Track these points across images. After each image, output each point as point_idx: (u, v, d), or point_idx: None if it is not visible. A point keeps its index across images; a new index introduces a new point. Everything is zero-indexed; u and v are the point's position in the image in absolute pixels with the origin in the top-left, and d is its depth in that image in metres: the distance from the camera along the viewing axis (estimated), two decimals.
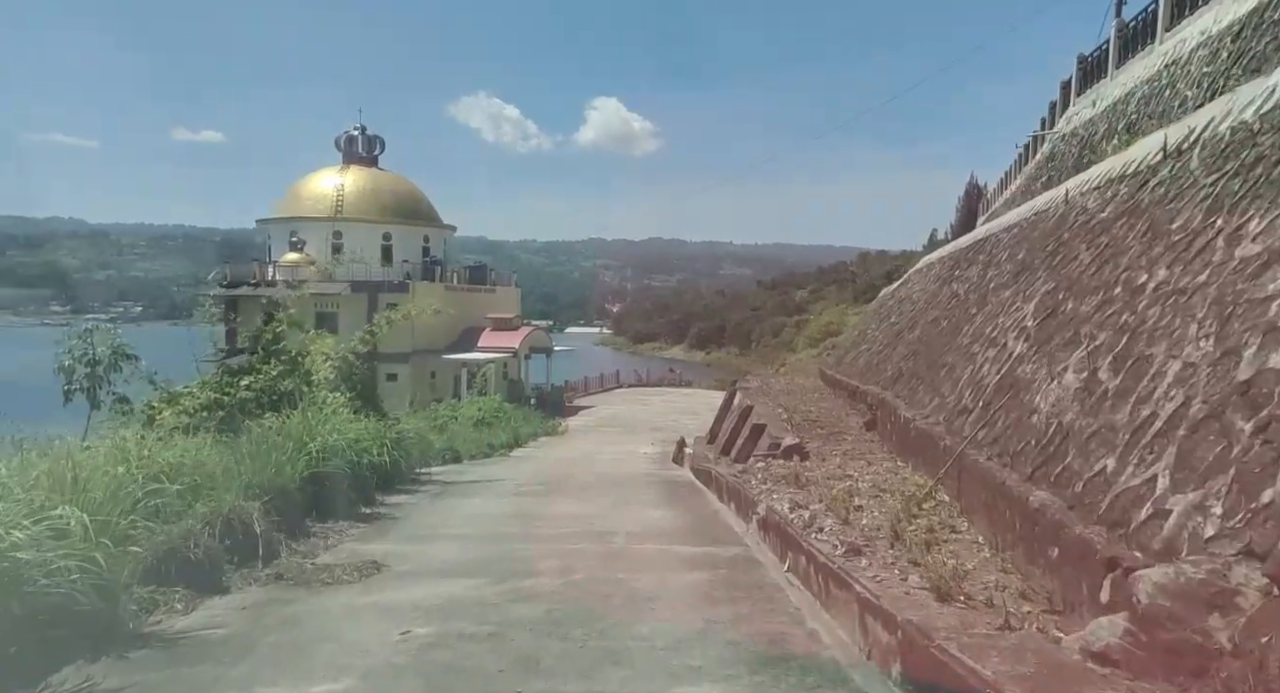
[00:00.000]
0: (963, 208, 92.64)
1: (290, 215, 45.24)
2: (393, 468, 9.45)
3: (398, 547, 7.07)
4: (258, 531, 5.86)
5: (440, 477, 11.65)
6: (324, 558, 6.42)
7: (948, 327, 13.18)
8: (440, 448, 15.13)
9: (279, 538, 6.30)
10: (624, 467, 15.49)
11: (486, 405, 24.85)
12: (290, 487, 6.87)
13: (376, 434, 9.56)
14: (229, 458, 6.78)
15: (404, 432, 10.21)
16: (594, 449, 21.27)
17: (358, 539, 7.32)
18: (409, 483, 10.30)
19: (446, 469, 13.11)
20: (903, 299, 21.16)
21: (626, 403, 47.38)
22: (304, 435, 7.56)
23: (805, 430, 14.35)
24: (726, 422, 22.05)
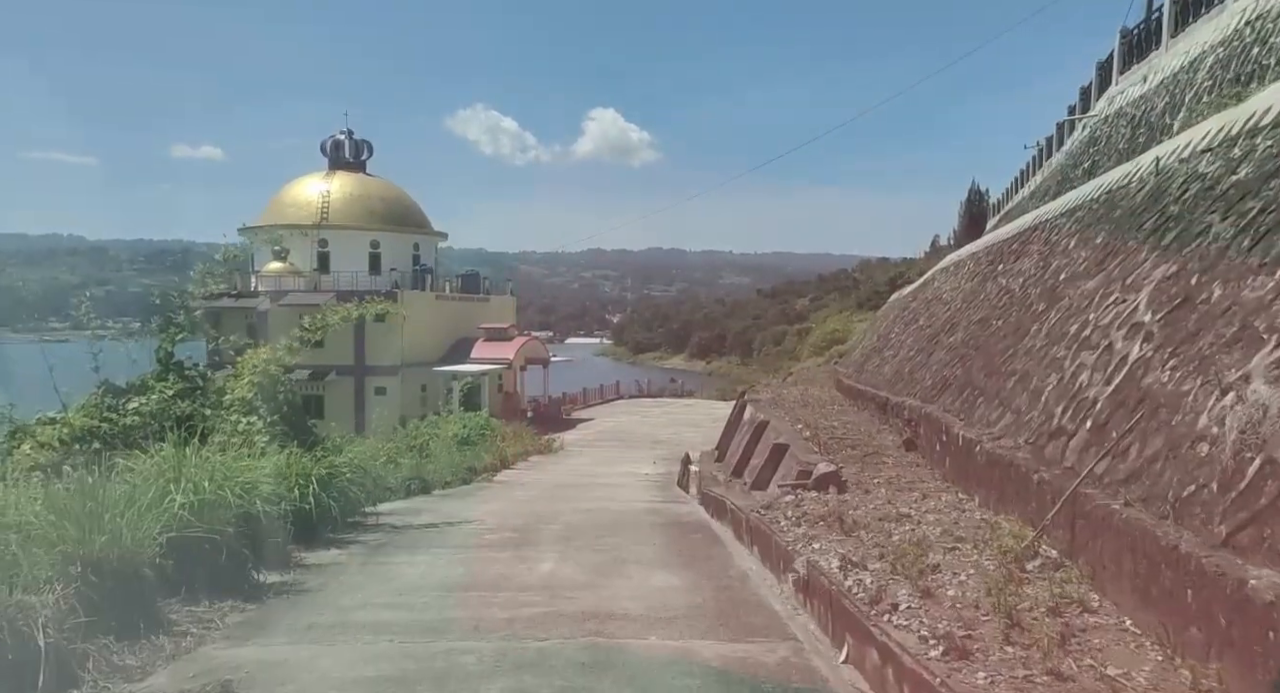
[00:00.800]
0: (965, 213, 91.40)
1: (273, 223, 43.16)
2: (319, 514, 7.25)
3: (278, 651, 4.86)
4: (41, 644, 3.69)
5: (392, 518, 9.44)
6: (155, 680, 4.21)
7: (1005, 327, 11.03)
8: (405, 477, 12.89)
9: (90, 650, 4.11)
10: (621, 497, 13.26)
11: (472, 423, 22.66)
12: (138, 558, 4.70)
13: (301, 471, 7.38)
14: (52, 517, 4.64)
15: (338, 466, 7.98)
16: (589, 471, 19.07)
17: (227, 636, 5.05)
18: (346, 530, 8.05)
19: (406, 506, 10.78)
20: (930, 300, 19.03)
21: (627, 415, 45.16)
22: (170, 480, 5.39)
23: (834, 451, 12.18)
24: (737, 437, 19.88)
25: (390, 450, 16.10)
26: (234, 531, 5.62)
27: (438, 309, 43.73)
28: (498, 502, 11.46)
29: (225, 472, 5.81)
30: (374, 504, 9.53)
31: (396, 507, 10.58)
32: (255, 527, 5.86)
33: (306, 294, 41.00)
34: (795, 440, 12.87)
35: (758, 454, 15.46)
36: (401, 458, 15.58)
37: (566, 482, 16.37)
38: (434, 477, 14.25)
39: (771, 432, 15.05)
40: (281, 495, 6.63)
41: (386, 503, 10.99)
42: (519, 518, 9.43)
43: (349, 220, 43.24)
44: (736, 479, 16.17)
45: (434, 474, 14.40)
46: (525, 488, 14.89)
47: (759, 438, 16.24)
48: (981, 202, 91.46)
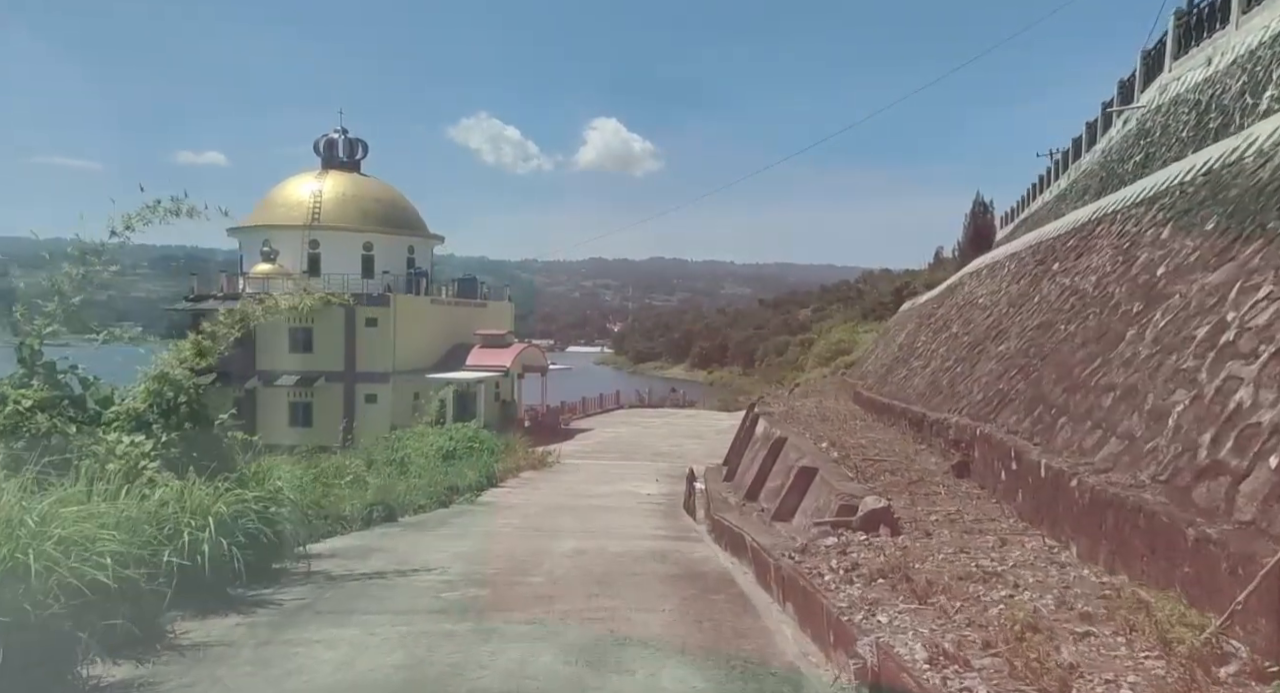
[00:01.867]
0: (970, 225, 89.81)
1: (263, 224, 41.34)
2: (217, 566, 5.34)
3: None
4: None
5: (333, 562, 7.45)
6: None
7: (1082, 332, 9.18)
8: (368, 503, 10.88)
9: None
10: (621, 529, 11.32)
11: (460, 434, 20.74)
12: None
13: (196, 508, 5.50)
14: None
15: (253, 500, 6.02)
16: (586, 491, 17.13)
17: None
18: (265, 582, 6.09)
19: (357, 543, 8.90)
20: (962, 306, 17.19)
21: (627, 425, 43.20)
22: None
23: (871, 477, 10.31)
24: (748, 453, 18.01)
25: (359, 467, 14.21)
26: (61, 608, 3.79)
27: (433, 314, 41.88)
28: (470, 538, 9.43)
29: (36, 524, 3.95)
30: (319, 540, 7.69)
31: (346, 545, 8.59)
32: (104, 598, 4.03)
33: (294, 297, 39.20)
34: (823, 463, 11.00)
35: (776, 475, 13.61)
36: (373, 476, 13.68)
37: (559, 504, 14.42)
38: (406, 499, 12.29)
39: (792, 450, 13.19)
40: (154, 545, 4.77)
41: (337, 538, 9.09)
42: (493, 563, 7.46)
43: (341, 221, 41.43)
44: (751, 503, 14.30)
45: (407, 496, 12.44)
46: (510, 513, 12.90)
47: (776, 456, 14.38)
48: (986, 213, 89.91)
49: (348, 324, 38.74)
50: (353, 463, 14.09)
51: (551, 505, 14.20)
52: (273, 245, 40.10)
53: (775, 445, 14.41)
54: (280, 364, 38.84)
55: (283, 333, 39.17)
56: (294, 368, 38.76)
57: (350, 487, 11.79)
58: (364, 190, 42.93)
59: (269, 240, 40.25)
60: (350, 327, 38.80)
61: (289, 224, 40.71)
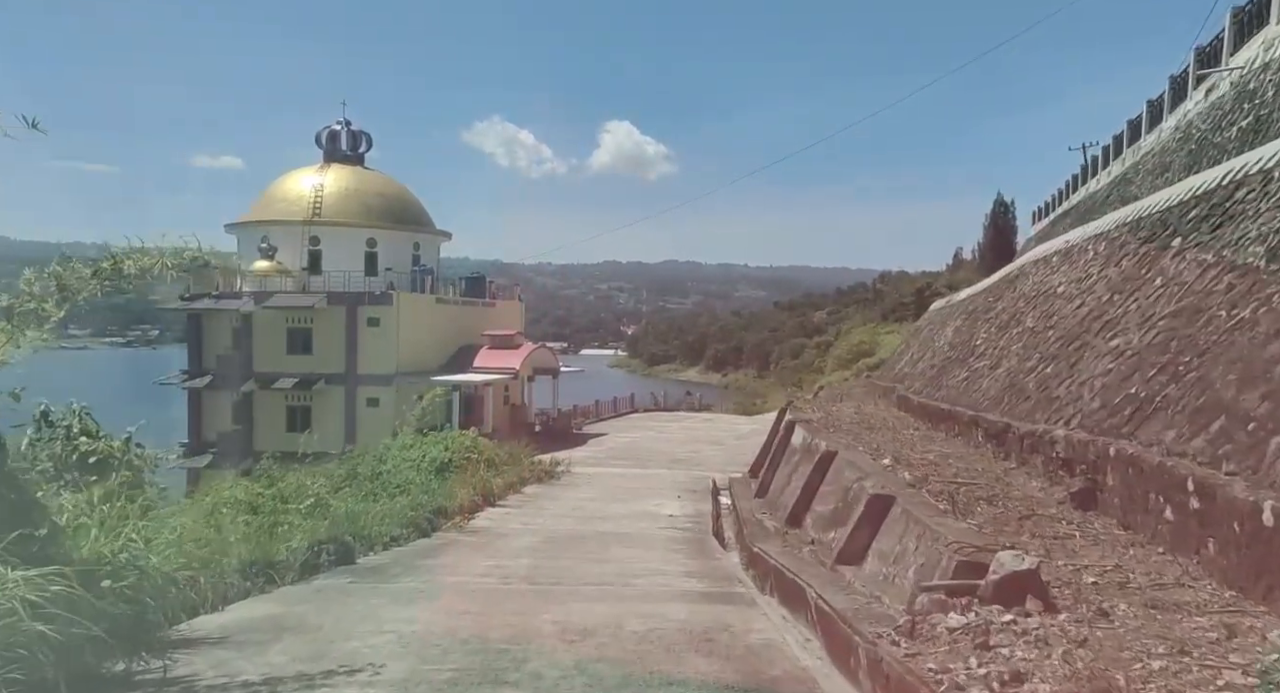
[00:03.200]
0: (990, 225, 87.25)
1: (261, 219, 39.20)
2: None
3: None
4: None
5: (214, 653, 5.09)
6: None
7: (1267, 318, 6.70)
8: (318, 540, 8.41)
9: None
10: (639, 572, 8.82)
11: (456, 443, 18.32)
12: None
13: None
14: None
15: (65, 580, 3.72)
16: (597, 512, 14.66)
17: None
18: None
19: (276, 607, 6.55)
20: (1035, 296, 14.68)
21: (642, 430, 40.75)
22: None
23: (964, 508, 7.86)
24: (784, 466, 15.56)
25: (328, 486, 11.84)
26: None
27: (438, 314, 39.59)
28: (434, 599, 6.81)
29: None
30: (218, 609, 5.38)
31: (253, 616, 5.92)
32: None
33: (295, 295, 37.05)
34: (898, 488, 8.55)
35: (826, 497, 11.17)
36: (347, 496, 11.31)
37: (564, 533, 11.93)
38: (376, 530, 9.87)
39: (848, 468, 10.74)
40: None
41: (251, 600, 6.68)
42: (451, 659, 4.94)
43: (343, 217, 39.21)
44: (794, 530, 11.87)
45: (378, 525, 10.02)
46: (501, 549, 10.26)
47: (825, 473, 11.93)
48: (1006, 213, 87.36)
49: (349, 324, 36.52)
50: (318, 483, 11.63)
51: (554, 536, 11.75)
52: (271, 242, 37.94)
53: (823, 461, 11.96)
54: (278, 366, 36.69)
55: (281, 333, 37.07)
56: (292, 370, 36.58)
57: (306, 515, 9.41)
58: (367, 184, 40.71)
59: (267, 237, 38.09)
60: (351, 327, 36.57)
61: (288, 219, 38.54)
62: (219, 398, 37.99)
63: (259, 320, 36.72)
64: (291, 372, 36.46)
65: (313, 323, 36.85)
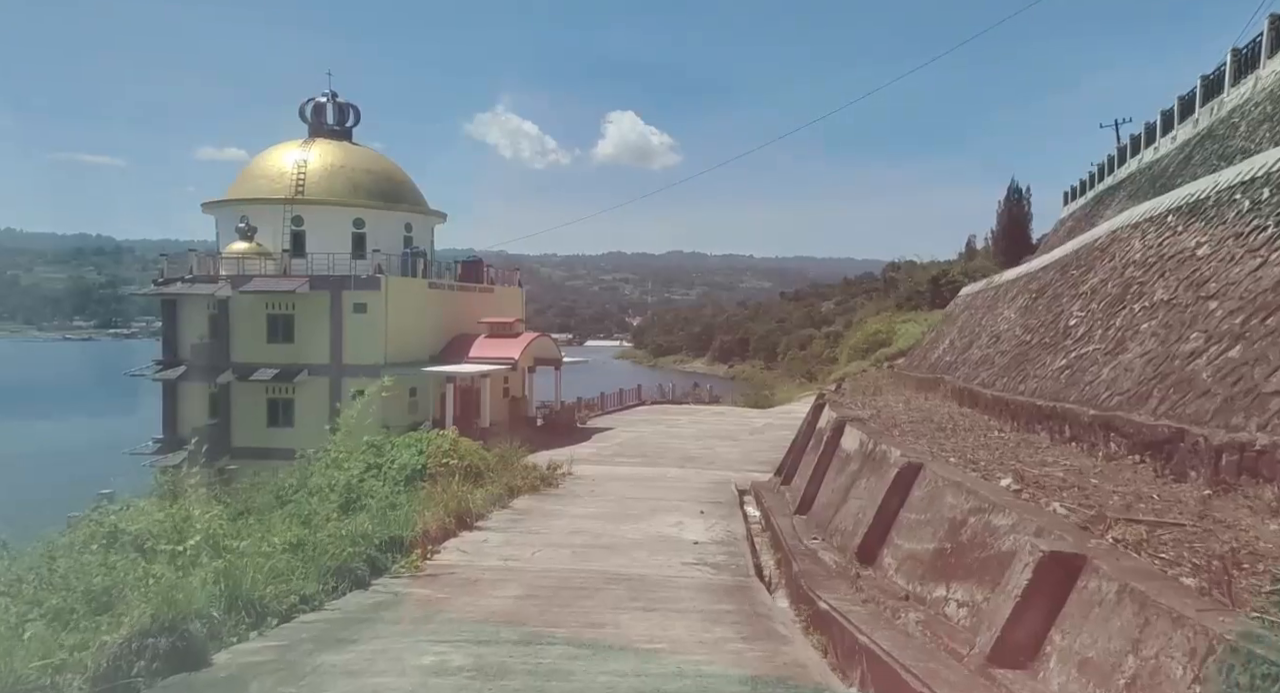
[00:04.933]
0: (1004, 212, 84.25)
1: (241, 197, 36.06)
2: None
3: None
4: None
5: None
6: None
7: None
8: (147, 629, 5.15)
9: None
10: (666, 668, 5.70)
11: (433, 445, 15.07)
12: None
13: None
14: None
15: None
16: (601, 538, 11.28)
17: None
18: None
19: None
20: (1152, 263, 11.46)
21: (650, 424, 37.57)
22: None
23: (1216, 577, 4.67)
24: (834, 477, 12.39)
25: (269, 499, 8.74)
26: None
27: (431, 299, 36.44)
28: None
29: None
30: None
31: None
32: None
33: (275, 279, 33.92)
34: (1077, 538, 5.38)
35: (916, 530, 8.01)
36: (254, 527, 8.14)
37: (555, 579, 8.46)
38: (277, 587, 6.72)
39: (953, 492, 7.57)
40: None
41: None
42: None
43: (329, 195, 36.02)
44: (866, 570, 8.70)
45: (287, 576, 6.89)
46: (454, 625, 6.76)
47: (906, 493, 8.77)
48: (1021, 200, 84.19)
49: (333, 310, 33.39)
50: (216, 512, 8.37)
51: (542, 586, 8.46)
52: (250, 222, 34.80)
53: (904, 477, 8.81)
54: (257, 356, 33.61)
55: (260, 320, 33.96)
56: (273, 360, 33.49)
57: (177, 566, 6.26)
58: (355, 160, 37.49)
59: (246, 217, 34.95)
60: (336, 313, 33.45)
61: (269, 198, 35.38)
62: (195, 390, 34.97)
63: (236, 306, 33.63)
64: (272, 362, 33.38)
65: (294, 309, 33.73)
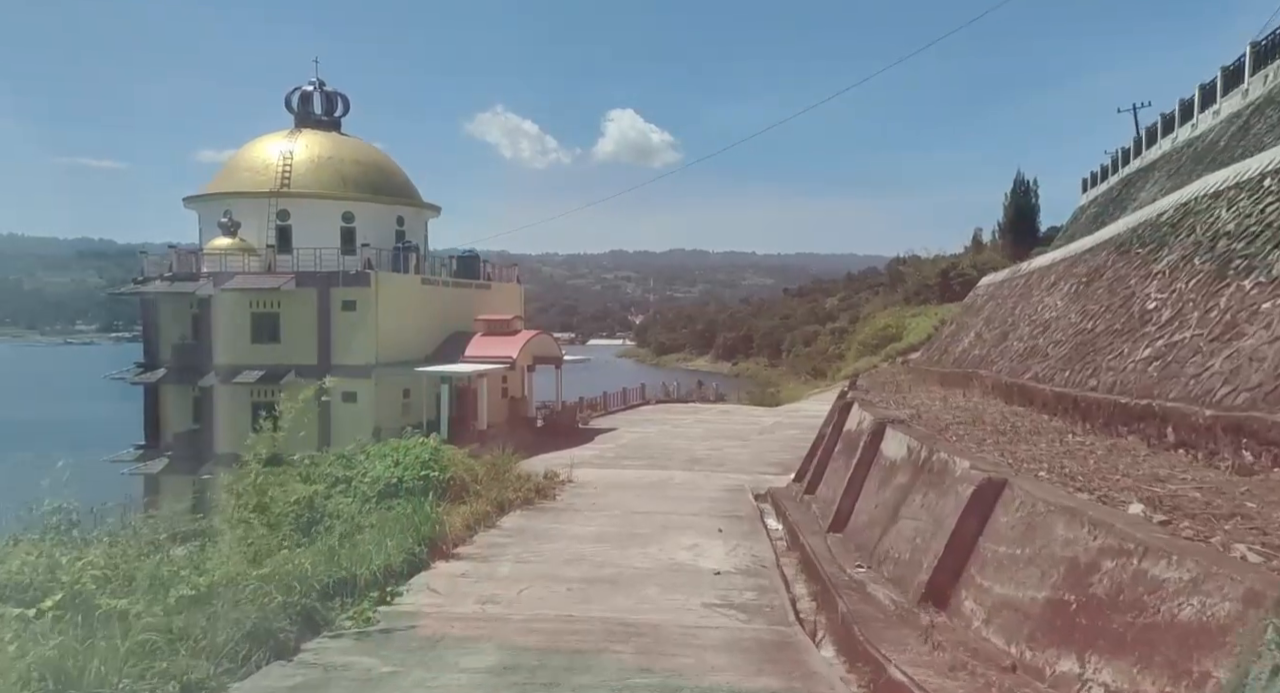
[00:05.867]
0: (1010, 205, 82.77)
1: (223, 191, 34.22)
2: None
3: None
4: None
5: None
6: None
7: None
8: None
9: None
10: None
11: (411, 455, 13.15)
12: None
13: None
14: None
15: None
16: (601, 570, 9.14)
17: None
18: None
19: None
20: (1256, 232, 9.55)
21: (655, 424, 35.73)
22: None
23: None
24: (875, 489, 10.49)
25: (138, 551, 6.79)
26: None
27: (425, 296, 34.58)
28: None
29: None
30: None
31: None
32: None
33: (259, 276, 32.08)
34: None
35: (1010, 570, 6.13)
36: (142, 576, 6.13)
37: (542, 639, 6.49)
38: (187, 655, 4.87)
39: (1065, 522, 5.68)
40: None
41: None
42: None
43: (316, 187, 34.16)
44: (940, 617, 6.83)
45: (208, 632, 5.05)
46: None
47: (985, 517, 6.90)
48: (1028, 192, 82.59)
49: (321, 308, 31.53)
50: (90, 559, 6.37)
51: (525, 645, 6.43)
52: (234, 216, 32.95)
53: (981, 497, 6.95)
54: (242, 357, 31.75)
55: (244, 319, 32.10)
56: (258, 361, 31.65)
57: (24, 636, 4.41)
58: (343, 152, 35.61)
59: (229, 211, 33.11)
60: (324, 311, 31.58)
61: (253, 191, 33.53)
62: (178, 394, 33.16)
63: (219, 305, 31.77)
64: (257, 364, 31.53)
65: (280, 307, 31.89)
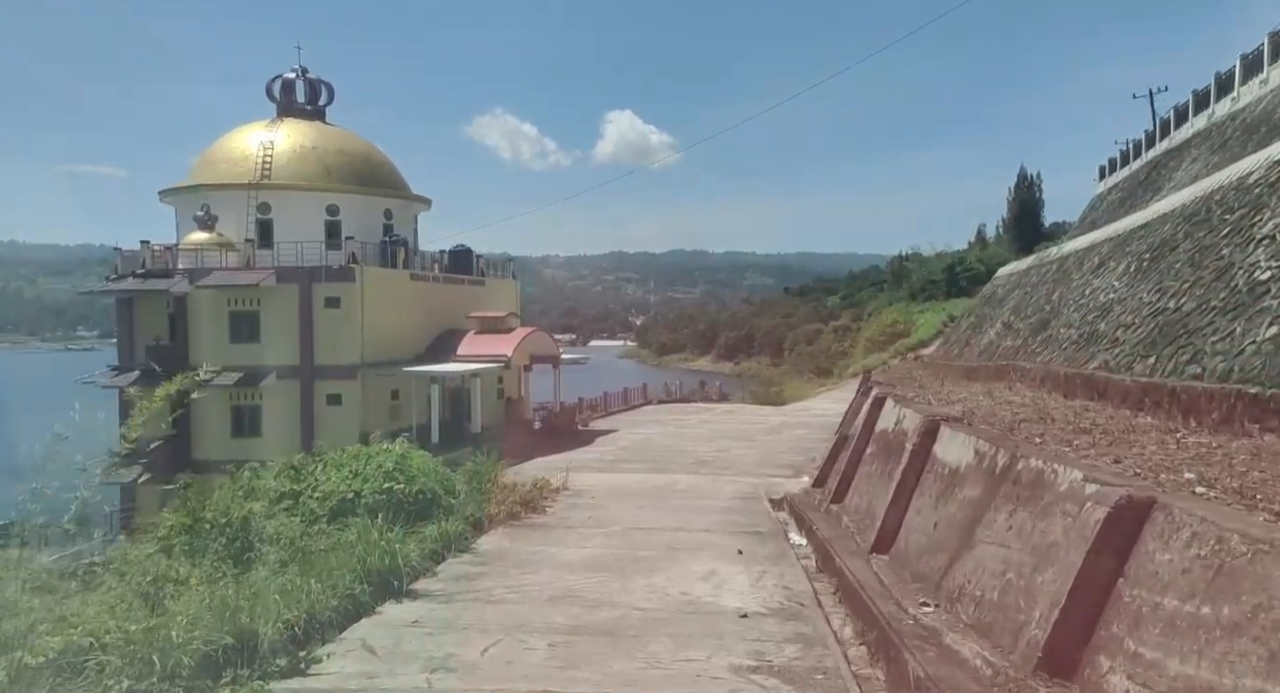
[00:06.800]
0: (1015, 199, 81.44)
1: (200, 183, 32.29)
2: None
3: None
4: None
5: None
6: None
7: None
8: None
9: None
10: None
11: (373, 464, 10.90)
12: None
13: None
14: None
15: None
16: (595, 612, 7.20)
17: None
18: None
19: None
20: None
21: (658, 425, 33.71)
22: None
23: None
24: (930, 504, 8.48)
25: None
26: None
27: (414, 292, 32.65)
28: None
29: None
30: None
31: None
32: None
33: (237, 272, 30.12)
34: None
35: (1215, 642, 4.23)
36: None
37: None
38: None
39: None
40: None
41: None
42: None
43: (299, 179, 32.28)
44: (1070, 690, 4.88)
45: None
46: None
47: (1124, 555, 4.87)
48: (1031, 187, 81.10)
49: (303, 305, 29.59)
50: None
51: None
52: (211, 210, 31.01)
53: (1118, 525, 4.96)
54: (219, 358, 29.75)
55: (222, 318, 30.15)
56: (237, 362, 29.68)
57: None
58: (327, 141, 33.70)
59: (207, 204, 31.17)
60: (306, 308, 29.66)
61: (232, 183, 31.61)
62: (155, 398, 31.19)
63: (195, 304, 29.84)
64: (235, 365, 29.56)
65: (260, 305, 29.96)
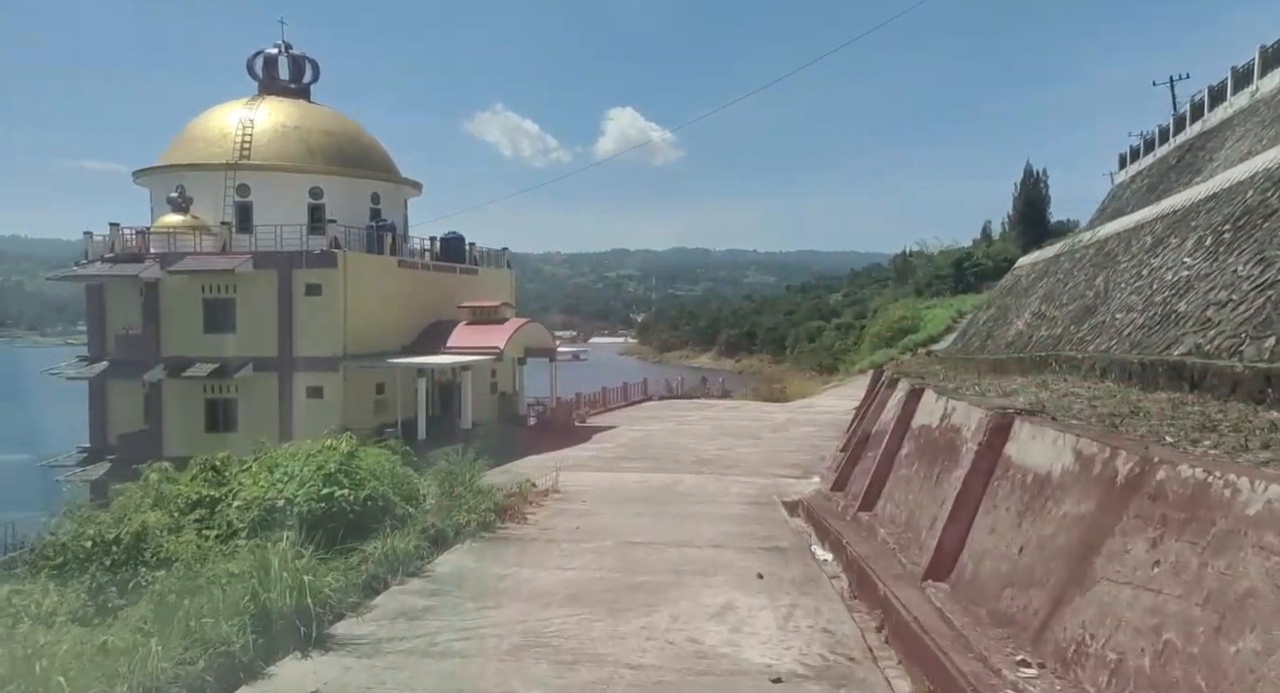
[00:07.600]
0: (1020, 195, 79.98)
1: (175, 163, 30.32)
2: None
3: None
4: None
5: None
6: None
7: None
8: None
9: None
10: None
11: (311, 466, 8.86)
12: None
13: None
14: None
15: None
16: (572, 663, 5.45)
17: None
18: None
19: None
20: None
21: (659, 422, 31.83)
22: None
23: None
24: (1023, 525, 6.55)
25: None
26: None
27: (402, 281, 30.67)
28: None
29: None
30: None
31: None
32: None
33: (211, 257, 28.14)
34: None
35: None
36: None
37: None
38: None
39: None
40: None
41: None
42: None
43: (280, 159, 30.25)
44: None
45: None
46: None
47: None
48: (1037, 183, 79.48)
49: (281, 292, 27.60)
50: None
51: None
52: (186, 191, 29.04)
53: None
54: (193, 348, 27.86)
55: (196, 306, 28.16)
56: (211, 353, 27.74)
57: None
58: (311, 121, 31.68)
59: (181, 185, 29.19)
60: (285, 296, 27.66)
61: (209, 163, 29.62)
62: (126, 390, 29.26)
63: (167, 290, 27.88)
64: (210, 355, 27.62)
65: (236, 292, 27.98)
